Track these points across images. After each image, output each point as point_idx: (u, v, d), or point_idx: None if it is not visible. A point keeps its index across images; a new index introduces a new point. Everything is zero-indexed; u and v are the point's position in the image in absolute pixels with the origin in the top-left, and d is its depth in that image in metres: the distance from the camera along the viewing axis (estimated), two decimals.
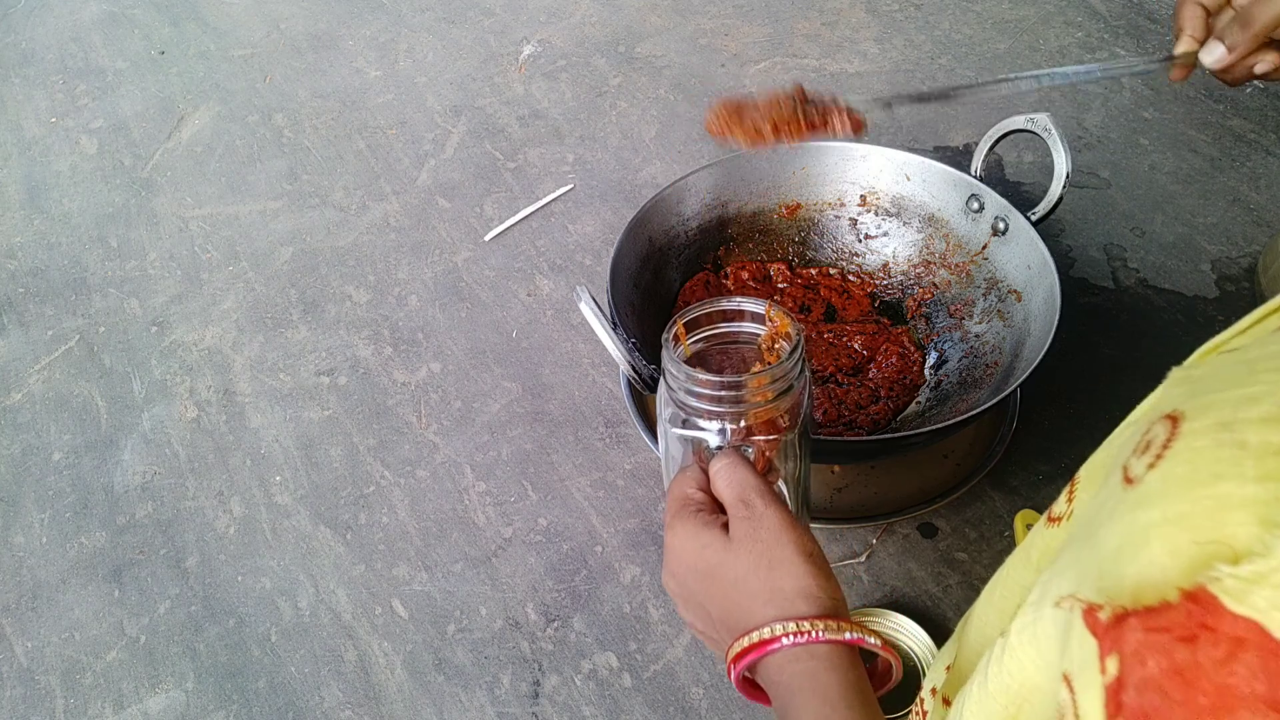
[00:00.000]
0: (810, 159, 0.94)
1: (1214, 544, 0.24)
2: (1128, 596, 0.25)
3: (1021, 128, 0.84)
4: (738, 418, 0.49)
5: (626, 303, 0.83)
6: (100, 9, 1.69)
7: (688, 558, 0.46)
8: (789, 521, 0.45)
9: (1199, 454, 0.26)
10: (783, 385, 0.49)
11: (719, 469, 0.48)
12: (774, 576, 0.43)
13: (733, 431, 0.49)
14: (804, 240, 0.98)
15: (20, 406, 1.01)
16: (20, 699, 0.78)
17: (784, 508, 0.46)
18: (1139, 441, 0.29)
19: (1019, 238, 0.83)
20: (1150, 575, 0.25)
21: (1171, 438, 0.27)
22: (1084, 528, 0.30)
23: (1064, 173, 0.81)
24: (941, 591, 0.77)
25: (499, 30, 1.52)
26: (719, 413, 0.49)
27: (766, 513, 0.45)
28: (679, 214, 0.92)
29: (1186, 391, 0.29)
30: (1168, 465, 0.27)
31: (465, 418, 0.95)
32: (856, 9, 1.48)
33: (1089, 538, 0.29)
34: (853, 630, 0.41)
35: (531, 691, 0.74)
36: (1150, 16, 1.39)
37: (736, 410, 0.49)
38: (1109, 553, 0.27)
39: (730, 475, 0.47)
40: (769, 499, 0.46)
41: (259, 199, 1.25)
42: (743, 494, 0.46)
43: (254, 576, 0.84)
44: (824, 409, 0.84)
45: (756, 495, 0.46)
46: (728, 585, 0.44)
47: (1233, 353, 0.31)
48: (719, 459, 0.48)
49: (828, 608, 0.42)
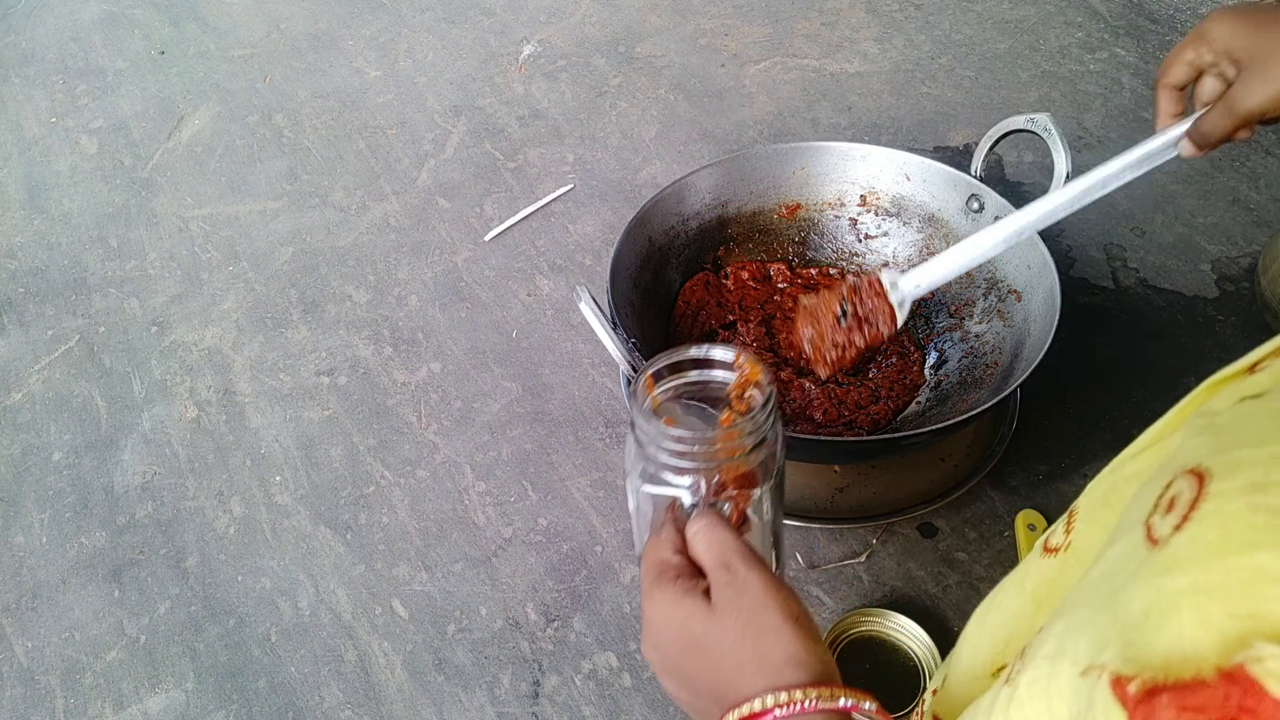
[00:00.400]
0: (810, 159, 0.94)
1: (1251, 619, 0.23)
2: (1158, 668, 0.24)
3: (1022, 128, 0.84)
4: (712, 473, 0.46)
5: (626, 303, 0.83)
6: (100, 9, 1.69)
7: (670, 629, 0.44)
8: (773, 584, 0.43)
9: (1231, 519, 0.25)
10: (757, 437, 0.46)
11: (697, 531, 0.46)
12: (761, 644, 0.41)
13: (706, 487, 0.47)
14: (804, 240, 0.98)
15: (20, 406, 1.01)
16: (20, 699, 0.78)
17: (767, 570, 0.44)
18: (1160, 496, 0.28)
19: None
20: (1182, 647, 0.24)
21: (1199, 497, 0.26)
22: (1103, 583, 0.29)
23: (1064, 173, 0.81)
24: (941, 591, 0.77)
25: (499, 30, 1.52)
26: (692, 468, 0.46)
27: (750, 577, 0.43)
28: (679, 214, 0.92)
29: (1212, 444, 0.28)
30: (1196, 528, 0.25)
31: (465, 418, 0.95)
32: (856, 9, 1.48)
33: (1110, 597, 0.28)
34: (846, 696, 0.40)
35: (531, 691, 0.74)
36: (1150, 17, 1.39)
37: (710, 465, 0.46)
38: (1134, 618, 0.26)
39: (710, 537, 0.45)
40: (751, 562, 0.43)
41: (259, 199, 1.25)
42: (724, 558, 0.44)
43: (254, 576, 0.84)
44: (824, 409, 0.84)
45: (738, 559, 0.43)
46: (714, 657, 0.42)
47: (1259, 399, 0.30)
48: (696, 520, 0.46)
49: (818, 674, 0.40)
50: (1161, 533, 0.27)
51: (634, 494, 0.51)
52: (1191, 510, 0.26)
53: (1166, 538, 0.26)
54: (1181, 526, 0.26)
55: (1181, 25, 1.37)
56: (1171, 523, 0.27)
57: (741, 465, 0.47)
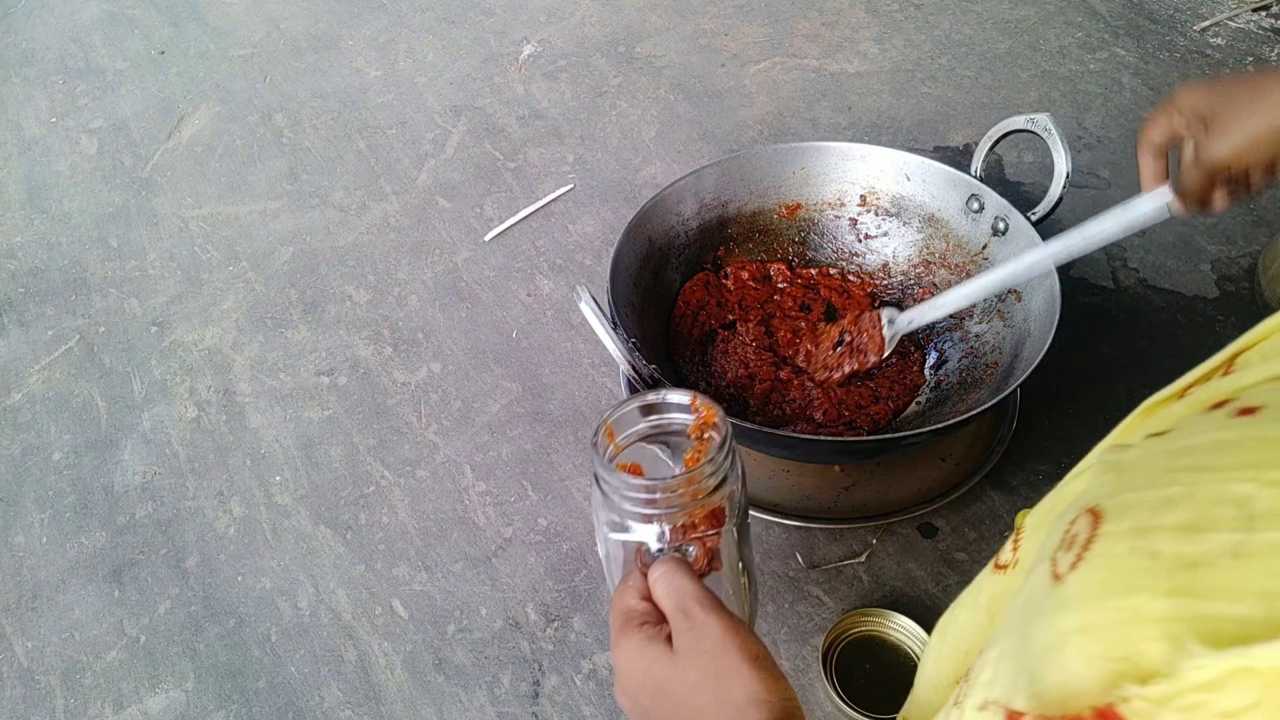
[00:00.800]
0: (810, 159, 0.95)
1: (1124, 661, 0.23)
2: (1052, 703, 0.25)
3: (1022, 128, 0.84)
4: (676, 516, 0.48)
5: (626, 302, 0.83)
6: (100, 9, 1.69)
7: (636, 675, 0.45)
8: (731, 626, 0.44)
9: (1115, 561, 0.26)
10: (717, 478, 0.48)
11: (655, 579, 0.47)
12: (722, 687, 0.42)
13: (671, 531, 0.48)
14: (804, 240, 0.98)
15: (20, 406, 1.01)
16: (20, 699, 0.78)
17: (725, 613, 0.45)
18: (1066, 532, 0.29)
19: (1019, 238, 0.83)
20: (1069, 684, 0.25)
21: (1092, 538, 0.27)
22: (1020, 616, 0.30)
23: (1064, 173, 0.81)
24: (941, 591, 0.77)
25: (499, 30, 1.53)
26: (655, 515, 0.47)
27: (707, 621, 0.44)
28: (679, 214, 0.92)
29: (1113, 484, 0.29)
30: (1086, 569, 0.27)
31: (465, 418, 0.95)
32: (856, 9, 1.48)
33: (1023, 631, 0.29)
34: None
35: (531, 691, 0.74)
36: (1150, 16, 1.39)
37: (672, 511, 0.47)
38: (1036, 653, 0.27)
39: (668, 584, 0.46)
40: (708, 605, 0.44)
41: (259, 199, 1.25)
42: (681, 603, 0.45)
43: (254, 576, 0.84)
44: (824, 409, 0.84)
45: (695, 604, 0.44)
46: (678, 701, 0.43)
47: (1161, 438, 0.31)
48: (655, 567, 0.47)
49: (779, 712, 0.41)
50: (1062, 569, 0.28)
51: (602, 542, 0.52)
52: (1085, 550, 0.27)
53: (1065, 574, 0.27)
54: (1076, 565, 0.27)
55: (1181, 25, 1.37)
56: (1069, 560, 0.28)
57: (706, 506, 0.48)
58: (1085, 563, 0.27)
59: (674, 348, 0.90)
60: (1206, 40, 1.33)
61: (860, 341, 0.84)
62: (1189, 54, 1.31)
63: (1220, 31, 1.35)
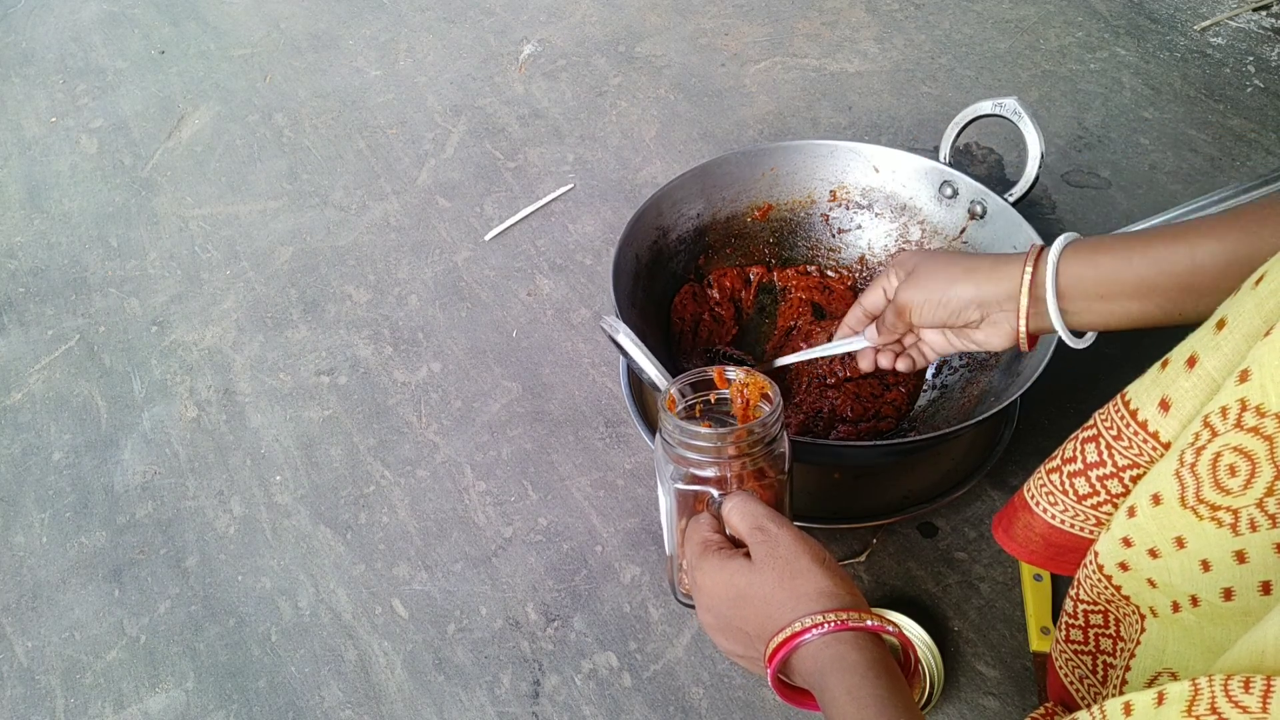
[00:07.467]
0: (778, 160, 0.94)
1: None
2: None
3: (989, 113, 0.84)
4: (737, 464, 0.56)
5: (628, 303, 0.83)
6: (100, 9, 1.69)
7: (719, 589, 0.52)
8: (800, 536, 0.52)
9: None
10: (773, 433, 0.57)
11: (731, 507, 0.55)
12: (796, 584, 0.49)
13: (733, 478, 0.57)
14: (779, 241, 0.98)
15: (20, 406, 1.01)
16: (20, 699, 0.78)
17: (794, 527, 0.53)
18: None
19: (999, 219, 0.84)
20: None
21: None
22: None
23: (1038, 152, 0.81)
24: (941, 591, 0.77)
25: (499, 30, 1.52)
26: (718, 462, 0.56)
27: (780, 533, 0.52)
28: (659, 227, 0.91)
29: None
30: None
31: (465, 417, 0.95)
32: (856, 9, 1.48)
33: None
34: (871, 618, 0.47)
35: (531, 691, 0.74)
36: (1151, 16, 1.39)
37: (736, 457, 0.56)
38: None
39: (743, 509, 0.54)
40: (780, 521, 0.53)
41: (259, 199, 1.25)
42: (757, 522, 0.53)
43: (254, 576, 0.84)
44: (849, 407, 0.85)
45: (769, 520, 0.53)
46: (758, 602, 0.50)
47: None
48: (729, 499, 0.56)
49: (847, 602, 0.48)
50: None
51: (667, 495, 0.60)
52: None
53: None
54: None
55: (1182, 25, 1.37)
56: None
57: (759, 458, 0.57)
58: None
59: (678, 360, 0.91)
60: (1207, 40, 1.34)
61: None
62: (1189, 53, 1.31)
63: (1220, 31, 1.35)
